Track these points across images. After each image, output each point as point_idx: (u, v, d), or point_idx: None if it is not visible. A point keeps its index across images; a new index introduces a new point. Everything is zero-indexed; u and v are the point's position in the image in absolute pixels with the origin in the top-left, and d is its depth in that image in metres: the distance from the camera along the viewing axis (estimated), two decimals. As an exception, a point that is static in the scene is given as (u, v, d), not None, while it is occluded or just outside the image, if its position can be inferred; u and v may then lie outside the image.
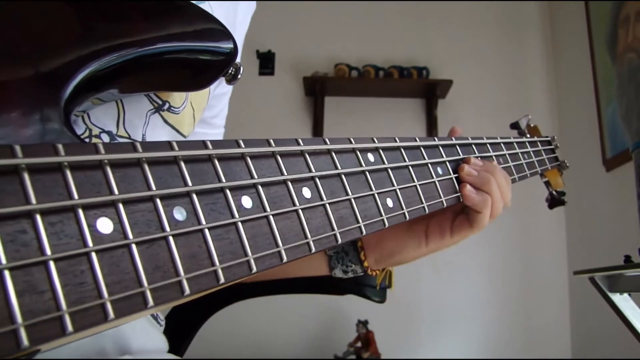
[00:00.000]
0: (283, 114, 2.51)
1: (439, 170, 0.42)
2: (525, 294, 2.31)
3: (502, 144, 0.55)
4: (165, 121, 0.44)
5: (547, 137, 0.73)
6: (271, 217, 0.27)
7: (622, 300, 1.09)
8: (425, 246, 0.50)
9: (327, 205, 0.30)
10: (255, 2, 0.59)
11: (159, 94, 0.42)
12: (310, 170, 0.30)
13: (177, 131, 0.46)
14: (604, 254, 1.88)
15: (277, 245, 0.26)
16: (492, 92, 2.50)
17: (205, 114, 0.53)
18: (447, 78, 2.41)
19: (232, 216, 0.25)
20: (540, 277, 2.33)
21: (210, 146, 0.25)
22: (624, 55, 1.89)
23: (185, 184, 0.23)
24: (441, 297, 2.23)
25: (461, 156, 0.46)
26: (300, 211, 0.28)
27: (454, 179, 0.44)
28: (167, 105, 0.43)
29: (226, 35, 0.33)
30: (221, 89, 0.57)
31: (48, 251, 0.18)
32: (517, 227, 2.37)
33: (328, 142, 0.32)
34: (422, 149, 0.40)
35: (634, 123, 1.79)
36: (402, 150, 0.38)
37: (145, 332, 0.46)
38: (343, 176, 0.32)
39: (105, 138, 0.37)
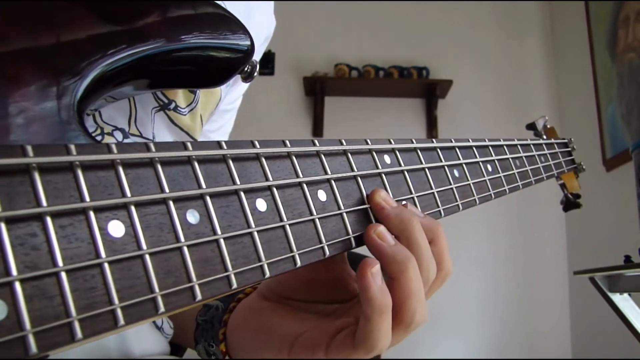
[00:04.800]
0: (283, 114, 2.51)
1: (456, 172, 0.42)
2: (525, 294, 2.31)
3: (519, 146, 0.55)
4: (174, 122, 0.43)
5: (564, 139, 0.73)
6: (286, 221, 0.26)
7: (622, 300, 1.09)
8: (286, 353, 0.34)
9: (343, 209, 0.30)
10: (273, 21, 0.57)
11: (166, 92, 0.41)
12: (326, 173, 0.30)
13: (189, 135, 0.45)
14: (604, 254, 1.89)
15: (291, 250, 0.26)
16: (492, 92, 2.50)
17: (205, 126, 0.51)
18: (447, 78, 2.42)
19: (247, 220, 0.24)
20: (540, 277, 2.33)
21: (224, 146, 0.24)
22: (624, 55, 1.90)
23: (199, 186, 0.23)
24: (441, 297, 2.22)
25: (478, 159, 0.45)
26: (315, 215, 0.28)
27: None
28: (173, 105, 0.42)
29: (243, 32, 0.32)
30: (226, 105, 0.55)
31: (58, 255, 0.18)
32: (518, 227, 2.37)
33: (344, 143, 0.32)
34: (438, 150, 0.40)
35: (634, 123, 1.80)
36: (419, 151, 0.38)
37: (147, 334, 0.46)
38: (359, 178, 0.32)
39: (119, 135, 0.37)
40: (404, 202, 0.34)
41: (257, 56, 0.52)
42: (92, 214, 0.19)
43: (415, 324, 0.30)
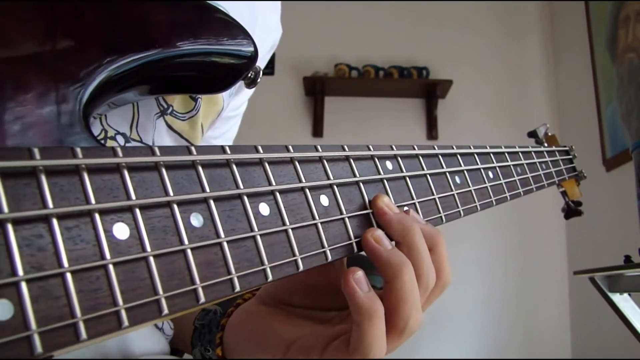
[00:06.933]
0: (283, 114, 2.51)
1: (457, 179, 0.42)
2: (525, 294, 2.31)
3: (520, 153, 0.55)
4: (171, 127, 0.43)
5: (565, 146, 0.73)
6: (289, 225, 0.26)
7: (622, 300, 1.09)
8: (281, 357, 0.33)
9: (345, 214, 0.30)
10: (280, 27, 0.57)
11: (166, 97, 0.41)
12: (328, 178, 0.30)
13: (188, 141, 0.45)
14: (604, 254, 1.89)
15: (294, 254, 0.26)
16: (492, 92, 2.50)
17: (207, 132, 0.51)
18: (447, 78, 2.42)
19: (250, 223, 0.24)
20: (540, 277, 2.33)
21: (228, 151, 0.24)
22: (624, 55, 1.90)
23: (203, 190, 0.23)
24: (441, 297, 2.23)
25: (480, 165, 0.46)
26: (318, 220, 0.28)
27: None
28: (170, 109, 0.42)
29: (247, 38, 0.32)
30: (230, 112, 0.55)
31: (64, 256, 0.18)
32: (518, 227, 2.37)
33: (346, 149, 0.32)
34: (440, 156, 0.40)
35: (634, 123, 1.80)
36: (420, 157, 0.38)
37: (147, 334, 0.46)
38: (361, 184, 0.32)
39: (120, 139, 0.37)
40: (406, 209, 0.34)
41: (262, 64, 0.52)
42: (97, 216, 0.19)
43: (409, 331, 0.30)
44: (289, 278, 0.33)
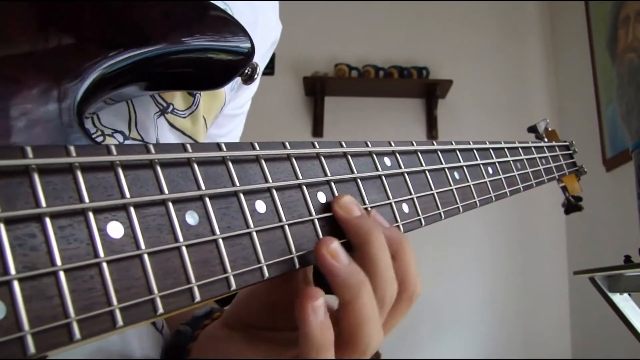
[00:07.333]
0: (283, 114, 2.51)
1: (456, 175, 0.42)
2: (525, 294, 2.31)
3: (520, 149, 0.55)
4: (173, 125, 0.43)
5: (565, 141, 0.73)
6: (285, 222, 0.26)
7: (622, 300, 1.09)
8: None
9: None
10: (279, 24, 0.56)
11: (164, 96, 0.41)
12: (325, 175, 0.30)
13: (192, 139, 0.44)
14: (604, 254, 1.89)
15: (291, 252, 0.26)
16: (492, 92, 2.50)
17: (211, 130, 0.50)
18: (447, 78, 2.42)
19: (246, 221, 0.24)
20: (540, 277, 2.33)
21: (224, 148, 0.24)
22: (624, 55, 1.90)
23: (199, 187, 0.23)
24: (441, 297, 2.23)
25: (479, 161, 0.45)
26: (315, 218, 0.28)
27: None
28: (170, 108, 0.42)
29: (244, 34, 0.32)
30: (233, 109, 0.55)
31: (57, 256, 0.18)
32: (517, 226, 2.37)
33: (344, 145, 0.32)
34: (439, 152, 0.40)
35: (634, 123, 1.80)
36: (419, 154, 0.38)
37: (149, 336, 0.46)
38: (359, 180, 0.32)
39: (119, 137, 0.37)
40: (369, 210, 0.31)
41: (263, 61, 0.51)
42: (91, 215, 0.19)
43: (371, 351, 0.28)
44: (251, 296, 0.31)
